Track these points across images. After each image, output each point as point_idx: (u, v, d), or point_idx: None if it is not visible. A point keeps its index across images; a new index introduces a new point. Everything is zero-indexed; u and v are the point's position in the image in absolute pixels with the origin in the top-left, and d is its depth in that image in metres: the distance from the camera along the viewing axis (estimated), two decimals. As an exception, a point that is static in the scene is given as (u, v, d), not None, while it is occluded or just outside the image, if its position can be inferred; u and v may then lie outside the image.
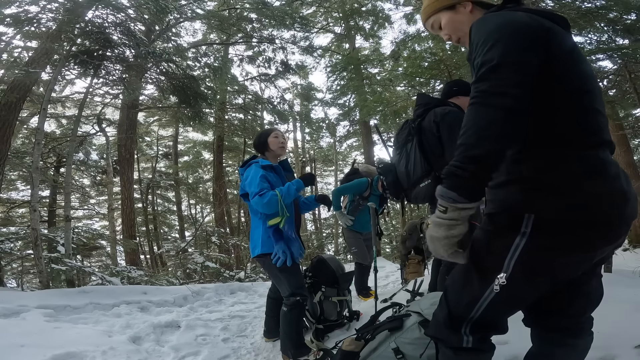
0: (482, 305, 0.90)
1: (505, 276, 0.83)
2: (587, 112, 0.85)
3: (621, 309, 1.80)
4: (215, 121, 10.74)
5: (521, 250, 0.83)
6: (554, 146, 0.84)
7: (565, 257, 0.84)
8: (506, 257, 0.84)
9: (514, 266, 0.83)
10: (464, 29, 1.02)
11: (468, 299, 0.92)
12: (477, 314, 0.92)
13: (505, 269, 0.84)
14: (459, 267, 0.97)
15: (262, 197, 2.04)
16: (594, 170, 0.82)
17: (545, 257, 0.84)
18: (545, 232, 0.81)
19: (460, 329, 0.94)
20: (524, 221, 0.82)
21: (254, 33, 8.72)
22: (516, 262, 0.83)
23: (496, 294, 0.86)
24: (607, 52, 4.45)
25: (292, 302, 2.14)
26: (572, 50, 0.86)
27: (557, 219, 0.81)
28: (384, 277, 5.30)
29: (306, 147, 16.30)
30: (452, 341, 0.96)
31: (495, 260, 0.86)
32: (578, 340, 1.01)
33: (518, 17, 0.85)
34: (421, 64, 6.36)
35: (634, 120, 8.22)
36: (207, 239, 9.01)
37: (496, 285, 0.84)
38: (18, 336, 2.21)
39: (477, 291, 0.90)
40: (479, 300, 0.90)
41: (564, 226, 0.81)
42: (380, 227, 3.10)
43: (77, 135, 7.37)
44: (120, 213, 9.05)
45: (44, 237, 5.26)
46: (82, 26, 5.07)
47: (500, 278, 0.84)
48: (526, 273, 0.85)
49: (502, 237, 0.86)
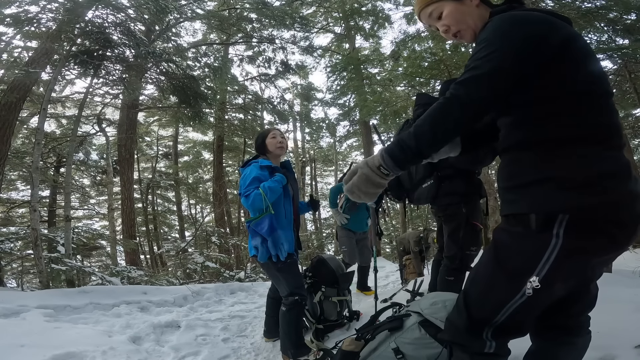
0: (509, 309, 0.87)
1: (539, 279, 0.81)
2: (613, 112, 0.86)
3: (621, 309, 1.80)
4: (215, 121, 10.74)
5: (557, 252, 0.80)
6: (586, 145, 0.82)
7: (597, 257, 0.84)
8: (540, 260, 0.81)
9: (549, 269, 0.81)
10: (467, 21, 0.99)
11: (494, 302, 0.89)
12: (503, 317, 0.89)
13: (537, 272, 0.82)
14: (481, 270, 0.95)
15: (247, 197, 2.05)
16: (622, 170, 0.82)
17: (579, 259, 0.82)
18: (579, 232, 0.79)
19: (482, 334, 0.91)
20: (557, 222, 0.79)
21: (254, 33, 8.73)
22: (551, 265, 0.81)
23: (528, 297, 0.83)
24: (607, 52, 4.44)
25: (291, 302, 2.14)
26: (587, 51, 0.86)
27: (592, 218, 0.79)
28: (384, 277, 5.30)
29: (306, 147, 16.30)
30: (473, 346, 0.93)
31: (526, 263, 0.83)
32: (578, 339, 1.01)
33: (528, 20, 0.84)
34: (421, 64, 6.35)
35: (634, 120, 8.22)
36: (207, 239, 9.02)
37: (529, 289, 0.82)
38: (18, 336, 2.21)
39: (506, 295, 0.87)
40: (506, 304, 0.87)
41: (598, 226, 0.79)
42: (380, 227, 3.10)
43: (77, 135, 7.37)
44: (120, 213, 9.05)
45: (44, 237, 5.27)
46: (82, 26, 5.07)
47: (533, 282, 0.81)
48: (560, 276, 0.83)
49: (533, 238, 0.82)
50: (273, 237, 2.06)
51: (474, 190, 2.06)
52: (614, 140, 0.84)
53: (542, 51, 0.81)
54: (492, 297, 0.90)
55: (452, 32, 1.01)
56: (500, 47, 0.82)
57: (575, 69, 0.82)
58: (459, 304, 0.98)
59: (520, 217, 0.86)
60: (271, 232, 2.05)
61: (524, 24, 0.83)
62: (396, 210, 14.09)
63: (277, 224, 2.10)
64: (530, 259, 0.83)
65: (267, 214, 2.05)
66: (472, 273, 0.99)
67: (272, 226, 2.05)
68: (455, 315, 0.98)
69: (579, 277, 0.88)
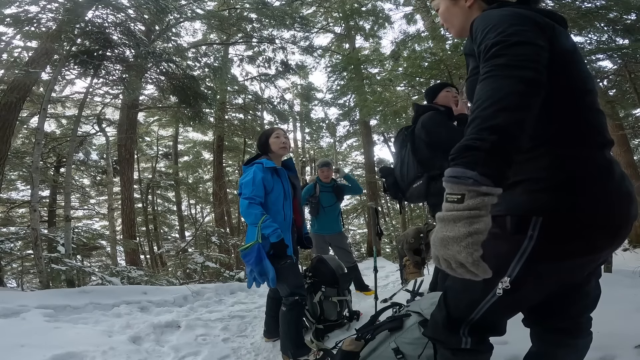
0: (482, 308, 0.89)
1: (509, 280, 0.81)
2: (592, 111, 0.84)
3: (621, 309, 1.80)
4: (215, 121, 10.73)
5: (528, 254, 0.79)
6: (562, 146, 0.81)
7: (572, 260, 0.82)
8: (511, 261, 0.81)
9: (519, 270, 0.81)
10: (453, 21, 1.06)
11: (468, 301, 0.91)
12: (477, 316, 0.90)
13: (509, 273, 0.81)
14: None
15: (249, 205, 2.05)
16: (602, 171, 0.81)
17: (552, 261, 0.81)
18: (553, 235, 0.78)
19: (458, 331, 0.93)
20: (531, 224, 0.78)
21: (254, 33, 8.72)
22: (522, 267, 0.80)
23: (499, 297, 0.84)
24: (607, 52, 4.45)
25: (291, 302, 2.14)
26: (574, 49, 0.86)
27: (566, 221, 0.78)
28: (384, 277, 5.30)
29: (306, 147, 16.29)
30: (451, 342, 0.96)
31: (498, 264, 0.82)
32: (578, 340, 1.01)
33: (524, 12, 0.84)
34: (421, 64, 6.35)
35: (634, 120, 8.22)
36: (207, 239, 9.01)
37: (499, 289, 0.82)
38: (18, 336, 2.21)
39: (479, 294, 0.88)
40: (479, 303, 0.88)
41: (572, 229, 0.78)
42: (380, 227, 3.10)
43: (77, 135, 7.37)
44: (120, 213, 9.05)
45: (44, 237, 5.27)
46: (82, 26, 5.06)
47: (504, 282, 0.81)
48: (532, 277, 0.83)
49: (507, 240, 0.81)
50: (259, 268, 2.07)
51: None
52: (592, 140, 0.83)
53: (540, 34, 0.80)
54: (466, 296, 0.91)
55: (446, 27, 1.11)
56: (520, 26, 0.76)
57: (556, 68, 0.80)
58: (440, 301, 1.00)
59: (498, 218, 0.84)
60: (258, 263, 2.06)
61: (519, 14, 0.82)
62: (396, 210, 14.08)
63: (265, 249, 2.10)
64: (502, 259, 0.82)
65: (256, 244, 2.05)
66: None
67: (259, 257, 2.06)
68: (437, 312, 1.01)
69: (555, 279, 0.87)
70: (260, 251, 2.05)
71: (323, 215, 3.86)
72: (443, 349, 0.99)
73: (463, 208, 0.64)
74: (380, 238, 3.42)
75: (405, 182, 2.27)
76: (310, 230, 3.76)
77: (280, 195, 2.20)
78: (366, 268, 5.11)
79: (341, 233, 4.05)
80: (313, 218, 3.91)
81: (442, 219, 0.67)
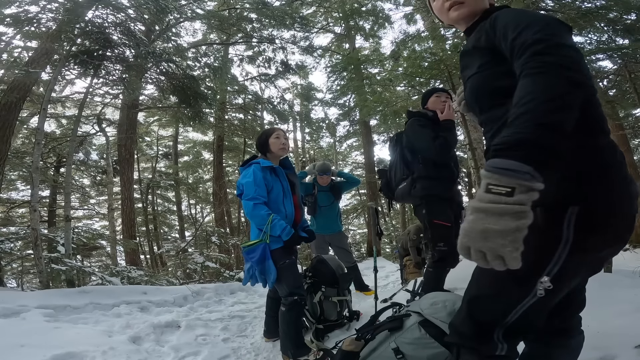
0: (519, 310, 0.83)
1: (549, 279, 0.77)
2: (600, 105, 0.85)
3: (621, 309, 1.80)
4: (215, 121, 10.73)
5: (569, 250, 0.76)
6: (588, 135, 0.79)
7: (603, 252, 0.81)
8: (552, 258, 0.77)
9: (560, 268, 0.77)
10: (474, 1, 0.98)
11: (504, 304, 0.85)
12: (513, 319, 0.85)
13: (548, 272, 0.78)
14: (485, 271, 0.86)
15: (255, 206, 2.07)
16: (620, 161, 0.81)
17: (589, 255, 0.79)
18: (589, 226, 0.75)
19: (492, 336, 0.87)
20: (567, 216, 0.75)
21: (254, 33, 8.72)
22: (563, 264, 0.77)
23: (539, 298, 0.80)
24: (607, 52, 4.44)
25: (291, 302, 2.15)
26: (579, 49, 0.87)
27: (600, 210, 0.76)
28: (384, 277, 5.29)
29: (306, 147, 16.29)
30: (483, 349, 0.88)
31: (536, 263, 0.78)
32: (571, 340, 1.01)
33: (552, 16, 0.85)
34: (421, 64, 6.34)
35: (634, 120, 8.23)
36: (207, 239, 9.01)
37: (540, 289, 0.78)
38: (18, 336, 2.21)
39: (516, 296, 0.83)
40: (517, 305, 0.83)
41: (605, 219, 0.76)
42: (380, 227, 3.10)
43: (77, 135, 7.37)
44: (120, 213, 9.05)
45: (44, 237, 5.26)
46: (82, 26, 5.06)
47: (544, 282, 0.77)
48: (570, 273, 0.80)
49: (542, 235, 0.76)
50: (261, 267, 2.09)
51: (436, 193, 2.26)
52: (607, 132, 0.83)
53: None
54: (501, 299, 0.85)
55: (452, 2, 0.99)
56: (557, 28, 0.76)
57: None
58: (465, 306, 0.93)
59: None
60: (260, 262, 2.08)
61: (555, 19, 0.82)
62: (396, 210, 14.09)
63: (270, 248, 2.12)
64: (540, 257, 0.78)
65: (262, 243, 2.07)
66: (476, 273, 0.94)
67: (263, 256, 2.08)
68: (461, 317, 0.94)
69: (587, 272, 0.85)
70: (265, 250, 2.07)
71: (321, 215, 3.85)
72: (469, 355, 0.91)
73: (513, 202, 0.62)
74: (380, 238, 3.42)
75: (394, 183, 2.48)
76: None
77: (280, 193, 2.22)
78: (366, 268, 5.11)
79: (341, 233, 4.04)
80: (312, 218, 3.90)
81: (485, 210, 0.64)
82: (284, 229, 2.08)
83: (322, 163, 4.04)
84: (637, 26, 4.35)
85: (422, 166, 2.31)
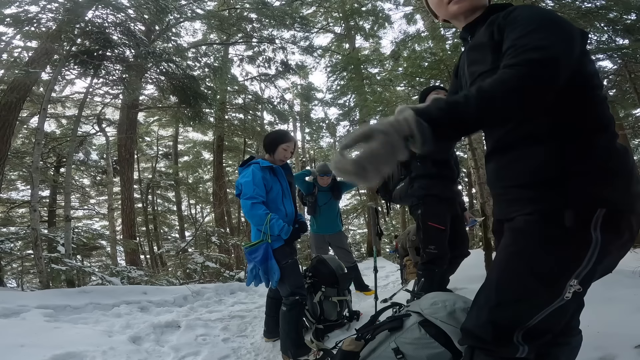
0: (545, 313, 0.82)
1: (578, 282, 0.77)
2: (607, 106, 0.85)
3: (621, 309, 1.80)
4: (215, 121, 10.73)
5: (598, 253, 0.75)
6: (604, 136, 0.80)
7: (623, 252, 0.81)
8: (581, 263, 0.76)
9: (589, 271, 0.77)
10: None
11: (528, 308, 0.83)
12: (536, 321, 0.83)
13: (577, 275, 0.77)
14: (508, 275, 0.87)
15: (253, 206, 2.07)
16: (633, 162, 0.82)
17: (612, 256, 0.80)
18: (614, 228, 0.75)
19: (512, 338, 0.84)
20: (595, 218, 0.74)
21: (254, 33, 8.72)
22: (592, 267, 0.76)
23: (567, 300, 0.79)
24: (607, 52, 4.44)
25: (291, 302, 2.15)
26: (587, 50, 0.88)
27: (624, 211, 0.76)
28: (384, 277, 5.29)
29: (306, 147, 16.28)
30: (504, 351, 0.86)
31: (565, 267, 0.78)
32: (571, 339, 1.01)
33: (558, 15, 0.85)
34: (421, 64, 6.34)
35: (634, 120, 8.22)
36: (207, 239, 9.01)
37: (568, 293, 0.78)
38: (18, 336, 2.21)
39: (544, 300, 0.81)
40: (544, 308, 0.81)
41: (627, 220, 0.77)
42: (380, 227, 3.10)
43: (77, 135, 7.37)
44: (120, 213, 9.05)
45: (44, 237, 5.27)
46: (82, 26, 5.07)
47: (574, 285, 0.77)
48: (596, 275, 0.80)
49: (571, 239, 0.77)
50: (265, 266, 2.10)
51: (434, 192, 2.23)
52: (616, 133, 0.84)
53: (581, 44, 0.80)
54: (526, 304, 0.84)
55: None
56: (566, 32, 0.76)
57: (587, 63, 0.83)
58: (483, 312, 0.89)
59: (551, 214, 0.79)
60: (264, 262, 2.08)
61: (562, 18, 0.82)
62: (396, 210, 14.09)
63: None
64: (569, 261, 0.78)
65: (264, 243, 2.08)
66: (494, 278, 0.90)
67: (266, 256, 2.08)
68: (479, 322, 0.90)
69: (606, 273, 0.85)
70: (268, 250, 2.08)
71: (321, 215, 3.85)
72: (485, 357, 0.88)
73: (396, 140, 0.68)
74: (380, 238, 3.42)
75: (391, 184, 2.45)
76: (310, 230, 3.76)
77: (279, 192, 2.23)
78: (366, 268, 5.11)
79: (341, 232, 4.04)
80: (312, 218, 3.90)
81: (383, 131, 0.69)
82: (282, 229, 2.09)
83: (323, 164, 4.02)
84: (637, 26, 4.35)
85: (420, 164, 2.28)
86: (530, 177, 0.83)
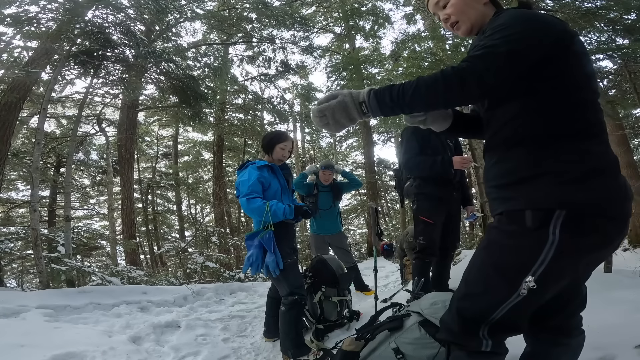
0: (504, 309, 0.86)
1: (534, 279, 0.80)
2: (599, 111, 0.86)
3: (621, 309, 1.80)
4: (215, 121, 10.74)
5: (554, 251, 0.79)
6: (579, 140, 0.82)
7: (591, 255, 0.83)
8: (536, 259, 0.80)
9: (545, 269, 0.80)
10: (469, 13, 0.99)
11: (489, 302, 0.88)
12: (498, 316, 0.88)
13: (533, 272, 0.81)
14: (475, 269, 0.93)
15: (249, 201, 2.07)
16: (613, 166, 0.83)
17: (575, 257, 0.82)
18: (575, 229, 0.78)
19: (478, 332, 0.90)
20: (554, 218, 0.78)
21: (254, 33, 8.72)
22: (547, 265, 0.80)
23: (523, 297, 0.83)
24: (607, 52, 4.43)
25: (291, 302, 2.15)
26: (585, 53, 0.88)
27: (588, 214, 0.78)
28: (384, 277, 5.30)
29: (306, 147, 16.29)
30: (469, 345, 0.92)
31: (521, 263, 0.82)
32: (571, 339, 1.01)
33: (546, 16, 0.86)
34: (421, 64, 6.34)
35: (634, 120, 8.22)
36: (207, 239, 9.00)
37: (524, 289, 0.81)
38: (18, 336, 2.21)
39: (502, 294, 0.86)
40: (502, 303, 0.86)
41: (593, 222, 0.79)
42: (380, 227, 3.11)
43: (77, 135, 7.37)
44: (120, 213, 9.05)
45: (44, 237, 5.26)
46: (82, 26, 5.06)
47: (529, 282, 0.81)
48: (556, 275, 0.82)
49: (529, 237, 0.81)
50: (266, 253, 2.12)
51: (425, 191, 2.48)
52: (602, 137, 0.85)
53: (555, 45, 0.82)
54: (487, 297, 0.89)
55: (451, 22, 1.02)
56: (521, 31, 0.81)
57: (573, 67, 0.84)
58: (453, 303, 0.97)
59: (515, 214, 0.85)
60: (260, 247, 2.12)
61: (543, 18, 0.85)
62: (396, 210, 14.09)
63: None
64: (526, 258, 0.82)
65: (269, 231, 2.09)
66: (466, 272, 0.97)
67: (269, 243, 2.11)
68: (450, 314, 0.97)
69: (572, 276, 0.87)
70: (271, 238, 2.10)
71: (321, 216, 3.85)
72: (458, 351, 0.95)
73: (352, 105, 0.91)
74: (380, 238, 3.42)
75: (402, 181, 2.71)
76: (309, 231, 3.76)
77: (278, 189, 2.24)
78: (366, 268, 5.11)
79: (341, 233, 4.04)
80: (312, 218, 3.90)
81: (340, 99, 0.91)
82: (284, 210, 2.10)
83: (327, 160, 4.06)
84: (637, 26, 4.34)
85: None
86: (505, 178, 0.88)
